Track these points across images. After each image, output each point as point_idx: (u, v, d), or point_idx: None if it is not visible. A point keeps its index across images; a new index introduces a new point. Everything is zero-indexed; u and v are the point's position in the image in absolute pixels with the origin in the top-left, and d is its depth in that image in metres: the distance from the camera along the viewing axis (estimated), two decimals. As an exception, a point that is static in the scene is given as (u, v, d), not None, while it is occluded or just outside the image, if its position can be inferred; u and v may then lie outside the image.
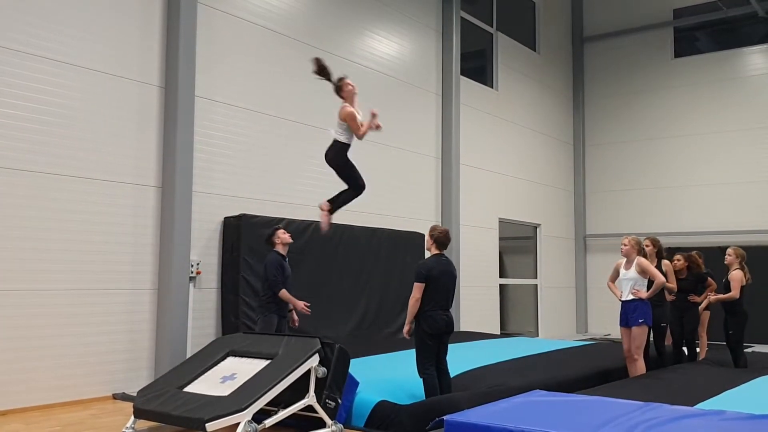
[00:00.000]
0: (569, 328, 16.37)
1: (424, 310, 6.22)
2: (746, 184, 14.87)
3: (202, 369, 5.88)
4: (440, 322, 6.25)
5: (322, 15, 10.36)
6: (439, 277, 6.28)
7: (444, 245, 6.53)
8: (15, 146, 6.82)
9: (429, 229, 6.64)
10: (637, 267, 7.49)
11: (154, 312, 7.90)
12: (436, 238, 6.49)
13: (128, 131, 7.82)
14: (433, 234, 6.52)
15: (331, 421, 5.55)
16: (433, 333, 6.22)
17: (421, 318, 6.24)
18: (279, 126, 9.55)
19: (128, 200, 7.75)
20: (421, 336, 6.25)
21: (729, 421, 4.62)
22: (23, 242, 6.84)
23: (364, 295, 10.25)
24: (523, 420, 4.43)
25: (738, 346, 8.41)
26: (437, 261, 6.39)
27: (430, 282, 6.23)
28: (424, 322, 6.23)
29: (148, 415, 5.42)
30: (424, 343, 6.24)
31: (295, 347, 5.70)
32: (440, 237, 6.51)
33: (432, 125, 12.47)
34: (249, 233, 8.59)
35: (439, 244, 6.50)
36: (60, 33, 7.25)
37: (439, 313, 6.26)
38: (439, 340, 6.30)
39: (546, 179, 15.88)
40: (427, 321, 6.22)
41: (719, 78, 15.49)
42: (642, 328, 7.49)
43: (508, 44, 14.81)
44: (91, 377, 7.29)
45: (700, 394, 6.20)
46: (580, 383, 7.27)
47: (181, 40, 8.09)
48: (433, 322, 6.21)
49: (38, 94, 7.04)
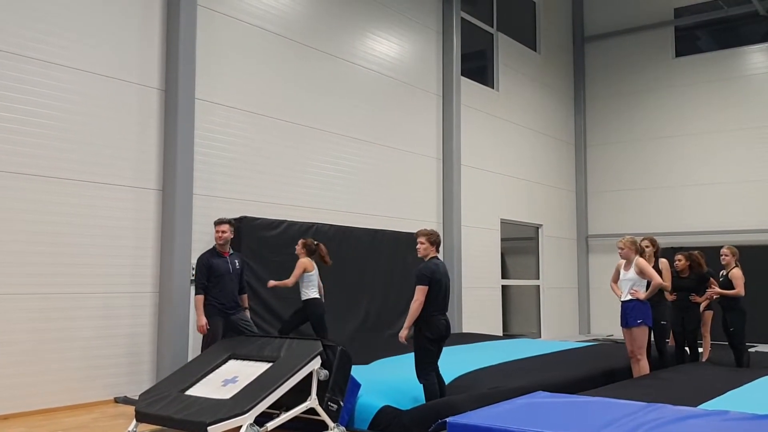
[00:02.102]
0: (572, 328, 16.35)
1: (425, 314, 6.11)
2: (748, 183, 14.85)
3: (204, 372, 5.87)
4: (441, 326, 6.18)
5: (322, 17, 10.36)
6: (440, 280, 6.20)
7: (437, 246, 6.44)
8: (15, 150, 6.82)
9: (425, 234, 6.40)
10: (636, 267, 7.48)
11: (155, 315, 7.90)
12: (434, 241, 6.37)
13: (128, 134, 7.81)
14: (430, 237, 6.36)
15: (333, 424, 5.54)
16: (435, 338, 6.14)
17: (423, 323, 6.12)
18: (279, 128, 9.54)
19: (129, 203, 7.75)
20: (423, 341, 6.13)
21: (732, 422, 4.60)
22: (24, 246, 6.83)
23: (366, 296, 10.24)
24: (526, 422, 4.42)
25: (740, 343, 8.38)
26: (437, 264, 6.27)
27: (432, 285, 6.12)
28: (426, 327, 6.12)
29: (149, 418, 5.41)
30: (426, 349, 6.14)
31: (296, 350, 5.69)
32: (437, 240, 6.42)
33: (433, 126, 12.46)
34: (249, 235, 8.59)
35: (437, 246, 6.42)
36: (60, 36, 7.25)
37: (440, 318, 6.19)
38: (439, 345, 6.25)
39: (547, 179, 15.87)
40: (429, 326, 6.11)
41: (720, 77, 15.48)
42: (641, 329, 7.47)
43: (508, 44, 14.80)
44: (92, 381, 7.28)
45: (703, 394, 6.18)
46: (582, 384, 7.26)
47: (180, 43, 8.10)
48: (435, 326, 6.13)
49: (38, 97, 7.04)
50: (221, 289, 7.10)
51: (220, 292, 7.10)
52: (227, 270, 7.17)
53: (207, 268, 7.08)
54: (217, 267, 7.11)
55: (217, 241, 7.24)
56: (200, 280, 7.07)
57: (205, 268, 7.08)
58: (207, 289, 7.08)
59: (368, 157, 10.97)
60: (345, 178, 10.51)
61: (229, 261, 7.24)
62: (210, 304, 7.08)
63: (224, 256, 7.24)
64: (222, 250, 7.25)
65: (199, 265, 7.13)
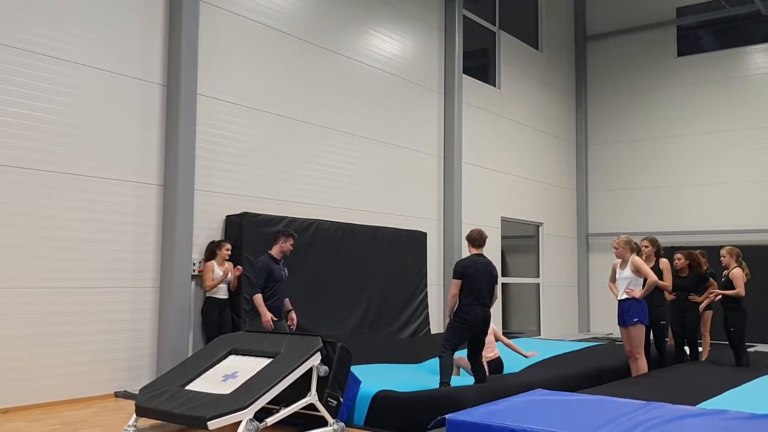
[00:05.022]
0: (571, 327, 16.37)
1: (462, 304, 6.68)
2: (750, 183, 14.85)
3: (204, 367, 5.88)
4: (478, 313, 6.63)
5: (325, 13, 10.36)
6: (475, 275, 6.68)
7: (477, 244, 6.94)
8: (15, 144, 6.83)
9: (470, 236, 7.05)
10: (631, 266, 7.49)
11: (156, 310, 7.91)
12: (468, 237, 7.00)
13: (130, 129, 7.82)
14: (467, 236, 7.04)
15: (332, 420, 5.55)
16: (470, 320, 6.62)
17: (459, 310, 6.69)
18: (281, 124, 9.55)
19: (130, 198, 7.76)
20: (457, 322, 6.66)
21: (731, 421, 4.61)
22: (24, 240, 6.84)
23: (366, 293, 10.25)
24: (525, 419, 4.43)
25: (740, 343, 8.39)
26: (473, 260, 6.80)
27: (465, 279, 6.67)
28: (462, 311, 6.67)
29: (149, 413, 5.42)
30: (456, 328, 6.65)
31: (297, 346, 5.70)
32: (473, 236, 6.98)
33: (434, 124, 12.46)
34: (251, 232, 8.59)
35: (472, 243, 6.93)
36: (61, 31, 7.25)
37: (477, 307, 6.65)
38: (473, 334, 6.66)
39: (548, 178, 15.87)
40: (465, 311, 6.65)
41: (722, 77, 15.46)
42: (638, 327, 7.49)
43: (510, 43, 14.79)
44: (92, 375, 7.30)
45: (702, 393, 6.20)
46: (582, 382, 7.27)
47: (183, 38, 8.10)
48: (470, 311, 6.63)
49: (39, 92, 7.05)
50: (277, 294, 7.37)
51: (275, 297, 7.35)
52: (281, 277, 7.46)
53: (267, 272, 7.31)
54: (275, 272, 7.37)
55: (286, 252, 7.52)
56: (259, 282, 7.29)
57: (266, 271, 7.31)
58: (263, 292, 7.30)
59: (369, 154, 10.97)
60: (346, 175, 10.51)
61: (281, 268, 7.52)
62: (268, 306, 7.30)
63: (279, 263, 7.48)
64: (279, 258, 7.50)
65: (261, 267, 7.34)
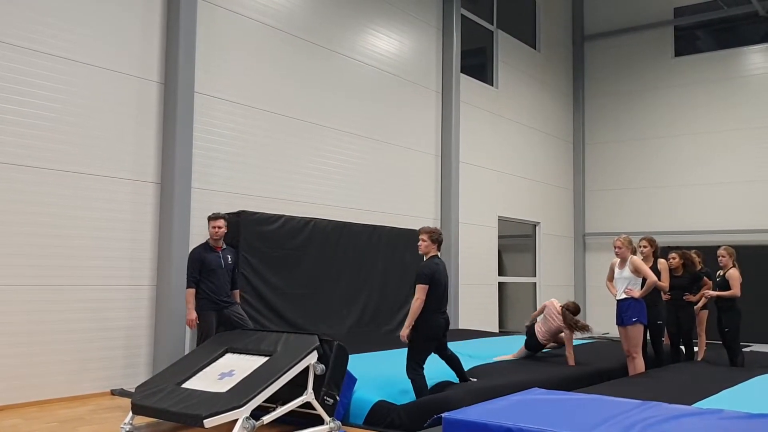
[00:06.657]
0: (568, 326, 16.36)
1: (425, 313, 6.15)
2: (746, 183, 14.88)
3: (201, 365, 5.87)
4: (440, 325, 6.26)
5: (323, 12, 10.35)
6: (440, 279, 6.24)
7: (439, 245, 6.46)
8: (12, 141, 6.81)
9: (428, 232, 6.40)
10: (631, 266, 7.50)
11: (152, 308, 7.90)
12: (435, 239, 6.39)
13: (127, 127, 7.81)
14: (432, 235, 6.38)
15: (329, 418, 5.55)
16: (431, 336, 6.22)
17: (421, 321, 6.16)
18: (278, 122, 9.54)
19: (127, 196, 7.75)
20: (419, 339, 6.19)
21: (727, 420, 4.62)
22: (21, 237, 6.83)
23: (364, 292, 10.25)
24: (521, 418, 4.43)
25: (735, 343, 8.41)
26: (437, 263, 6.31)
27: (433, 284, 6.17)
28: (425, 326, 6.18)
29: (146, 411, 5.41)
30: (420, 346, 6.21)
31: (293, 344, 5.70)
32: (439, 238, 6.44)
33: (432, 123, 12.46)
34: (248, 230, 8.58)
35: (438, 245, 6.44)
36: (59, 28, 7.23)
37: (438, 316, 6.26)
38: (437, 342, 6.32)
39: (545, 177, 15.88)
40: (428, 325, 6.19)
41: (719, 77, 15.49)
42: (636, 327, 7.51)
43: (508, 42, 14.80)
44: (89, 373, 7.29)
45: (698, 392, 6.20)
46: (578, 381, 7.28)
47: (181, 36, 8.08)
48: (433, 325, 6.21)
49: (35, 88, 7.03)
50: (213, 284, 7.15)
51: (212, 287, 7.15)
52: (219, 265, 7.22)
53: (199, 263, 7.13)
54: (209, 261, 7.15)
55: (213, 236, 7.26)
56: (192, 274, 7.11)
57: (197, 262, 7.13)
58: (198, 283, 7.13)
59: (367, 153, 10.97)
60: (343, 174, 10.51)
61: (221, 256, 7.28)
62: (202, 298, 7.14)
63: (217, 251, 7.27)
64: (215, 245, 7.29)
65: (192, 259, 7.17)
